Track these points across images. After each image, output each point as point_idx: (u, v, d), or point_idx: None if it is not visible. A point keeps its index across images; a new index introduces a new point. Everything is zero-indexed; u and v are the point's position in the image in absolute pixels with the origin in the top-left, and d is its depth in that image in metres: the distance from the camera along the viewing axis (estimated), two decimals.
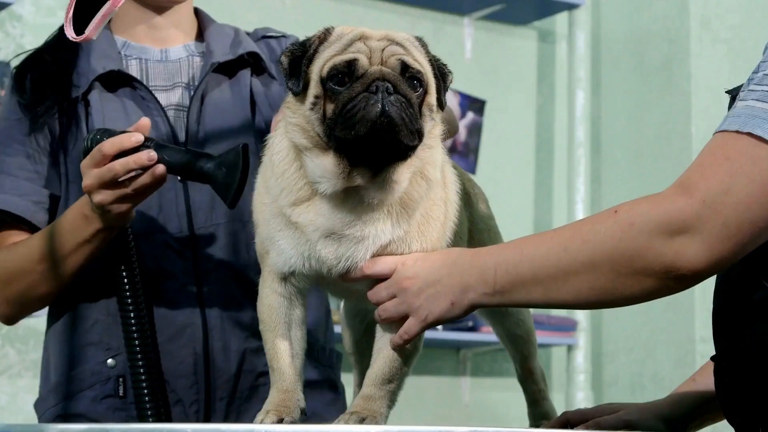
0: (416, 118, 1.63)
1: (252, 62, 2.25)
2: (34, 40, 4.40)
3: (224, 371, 2.12)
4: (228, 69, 2.23)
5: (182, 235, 2.12)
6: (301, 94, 1.67)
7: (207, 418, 2.11)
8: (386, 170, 1.65)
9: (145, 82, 2.19)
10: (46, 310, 2.22)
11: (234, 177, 1.86)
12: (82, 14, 2.18)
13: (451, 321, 1.69)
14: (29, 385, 4.26)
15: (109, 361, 2.10)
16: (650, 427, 1.90)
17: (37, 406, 2.20)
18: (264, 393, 1.74)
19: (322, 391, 2.19)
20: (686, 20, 4.97)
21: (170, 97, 2.20)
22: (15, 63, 2.23)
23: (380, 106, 1.59)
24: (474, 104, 5.17)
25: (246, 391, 2.14)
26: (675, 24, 5.02)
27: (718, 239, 1.50)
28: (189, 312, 2.12)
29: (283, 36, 2.32)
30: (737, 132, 1.52)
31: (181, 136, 2.16)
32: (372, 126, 1.60)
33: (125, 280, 2.02)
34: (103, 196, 1.92)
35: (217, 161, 1.90)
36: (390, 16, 5.00)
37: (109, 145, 1.89)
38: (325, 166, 1.65)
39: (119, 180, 1.90)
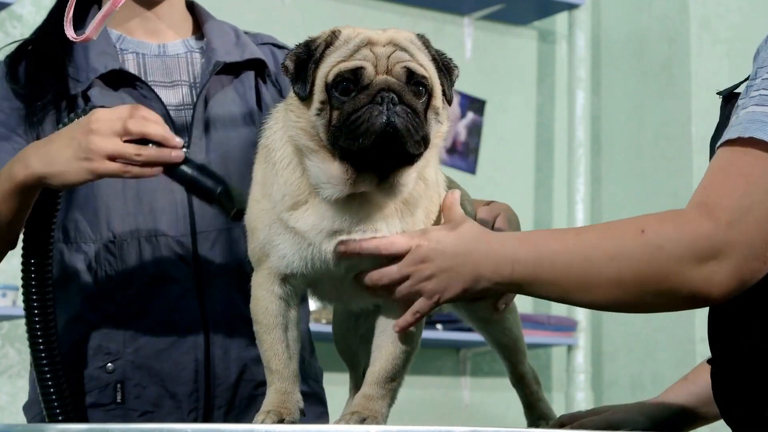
0: (422, 126, 1.63)
1: (257, 66, 2.21)
2: None
3: (224, 379, 2.10)
4: (231, 69, 2.19)
5: (184, 238, 2.09)
6: (306, 99, 1.66)
7: None
8: (393, 175, 1.65)
9: (143, 78, 2.14)
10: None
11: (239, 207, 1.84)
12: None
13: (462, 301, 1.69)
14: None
15: (109, 365, 2.06)
16: (637, 425, 1.90)
17: (27, 409, 2.16)
18: (261, 403, 1.73)
19: (311, 405, 2.14)
20: (686, 20, 4.97)
21: (171, 96, 2.16)
22: (6, 51, 2.17)
23: (385, 117, 1.59)
24: (474, 104, 5.17)
25: (245, 401, 2.11)
26: (675, 24, 5.02)
27: (746, 261, 1.51)
28: (191, 318, 2.08)
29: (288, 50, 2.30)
30: (739, 138, 1.52)
31: (184, 138, 2.09)
32: (377, 137, 1.59)
33: (33, 275, 1.95)
34: (106, 167, 1.83)
35: (225, 190, 1.88)
36: (390, 16, 5.00)
37: (152, 129, 1.83)
38: (331, 171, 1.64)
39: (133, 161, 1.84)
